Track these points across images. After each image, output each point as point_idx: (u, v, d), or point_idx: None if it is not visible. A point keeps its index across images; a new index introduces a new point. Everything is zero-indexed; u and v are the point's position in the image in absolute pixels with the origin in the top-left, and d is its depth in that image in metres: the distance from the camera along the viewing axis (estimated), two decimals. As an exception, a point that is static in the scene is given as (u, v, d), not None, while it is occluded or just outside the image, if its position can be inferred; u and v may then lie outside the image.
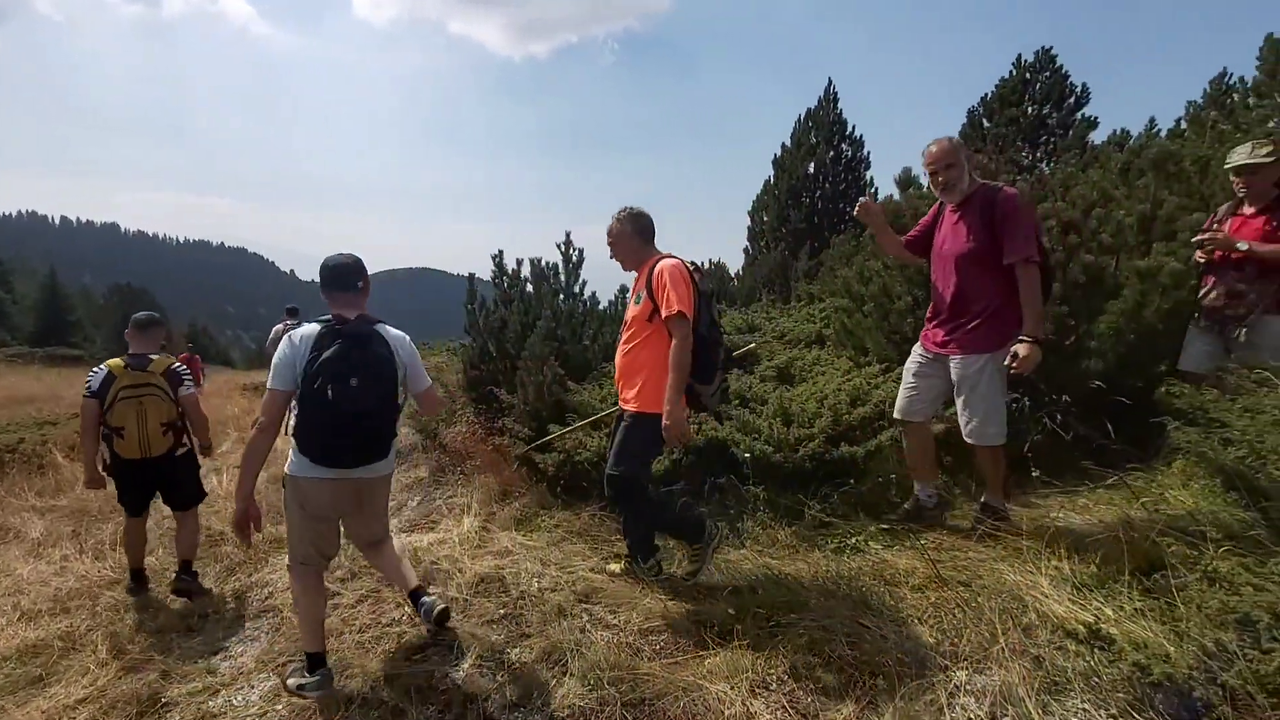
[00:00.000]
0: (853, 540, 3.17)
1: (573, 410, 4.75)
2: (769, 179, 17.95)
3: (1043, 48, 13.78)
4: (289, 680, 2.56)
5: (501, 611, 2.96)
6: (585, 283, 6.79)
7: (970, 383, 2.94)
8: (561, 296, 6.63)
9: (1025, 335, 2.74)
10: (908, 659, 2.13)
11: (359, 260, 2.61)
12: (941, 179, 2.98)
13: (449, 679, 2.54)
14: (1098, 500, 2.95)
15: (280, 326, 9.11)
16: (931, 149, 3.02)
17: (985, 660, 2.04)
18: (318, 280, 2.59)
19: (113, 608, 3.73)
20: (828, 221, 16.66)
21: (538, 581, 3.24)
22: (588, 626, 2.75)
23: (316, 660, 2.55)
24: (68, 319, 42.64)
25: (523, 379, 5.40)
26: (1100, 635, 1.85)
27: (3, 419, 9.86)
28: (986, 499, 3.10)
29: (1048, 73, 13.47)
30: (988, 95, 14.23)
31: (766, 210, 17.79)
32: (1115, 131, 10.65)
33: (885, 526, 3.15)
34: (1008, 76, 13.98)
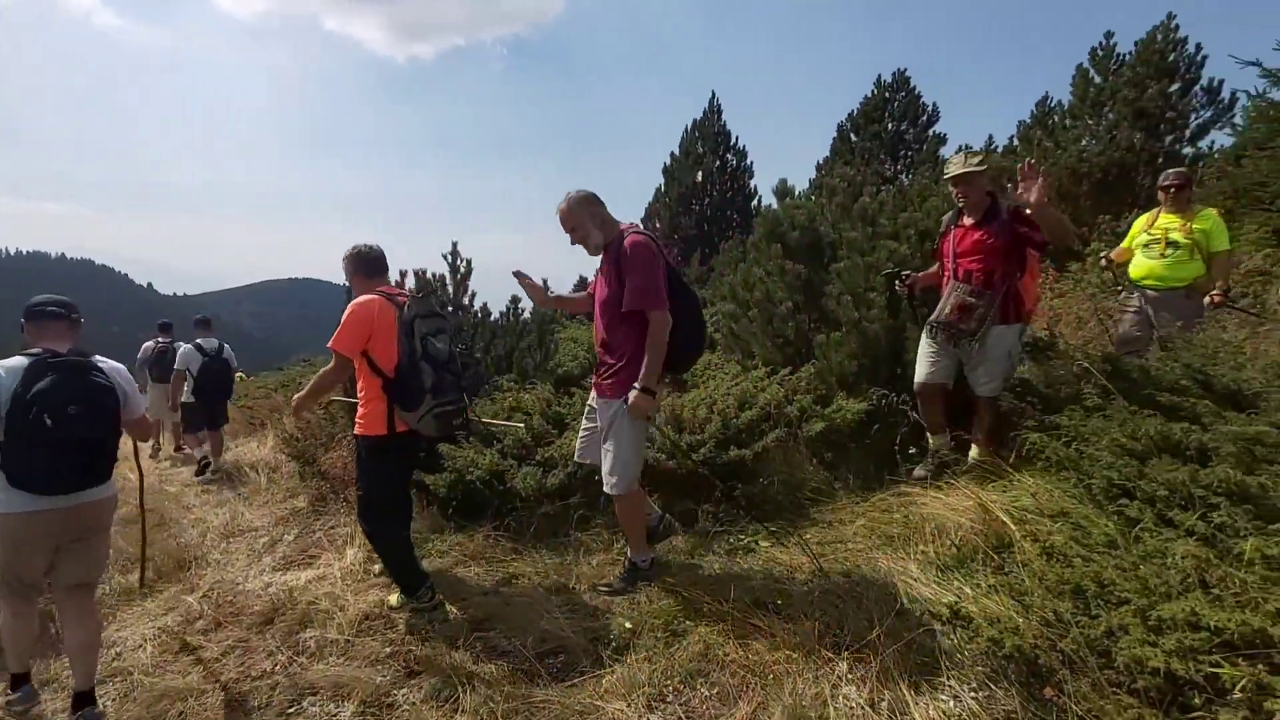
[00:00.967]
0: (744, 541, 3.26)
1: (465, 427, 4.57)
2: (660, 187, 18.35)
3: (899, 70, 15.05)
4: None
5: (388, 650, 2.77)
6: (474, 294, 6.59)
7: (609, 429, 2.84)
8: (450, 309, 6.39)
9: (636, 384, 2.67)
10: (795, 654, 2.21)
11: (69, 300, 2.68)
12: (573, 241, 2.91)
13: (328, 731, 2.34)
14: (957, 486, 3.21)
15: (151, 344, 8.17)
16: (558, 213, 2.92)
17: (864, 648, 2.16)
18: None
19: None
20: (717, 228, 17.26)
21: (426, 615, 3.07)
22: (482, 656, 2.64)
23: (21, 679, 2.63)
24: None
25: (409, 397, 5.13)
26: (960, 614, 2.00)
27: None
28: (630, 555, 3.05)
29: (904, 93, 14.72)
30: (854, 112, 15.32)
31: (658, 217, 18.17)
32: (961, 147, 11.85)
33: (773, 527, 3.27)
34: (870, 95, 15.13)
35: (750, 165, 17.87)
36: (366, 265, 3.10)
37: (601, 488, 3.79)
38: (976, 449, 3.44)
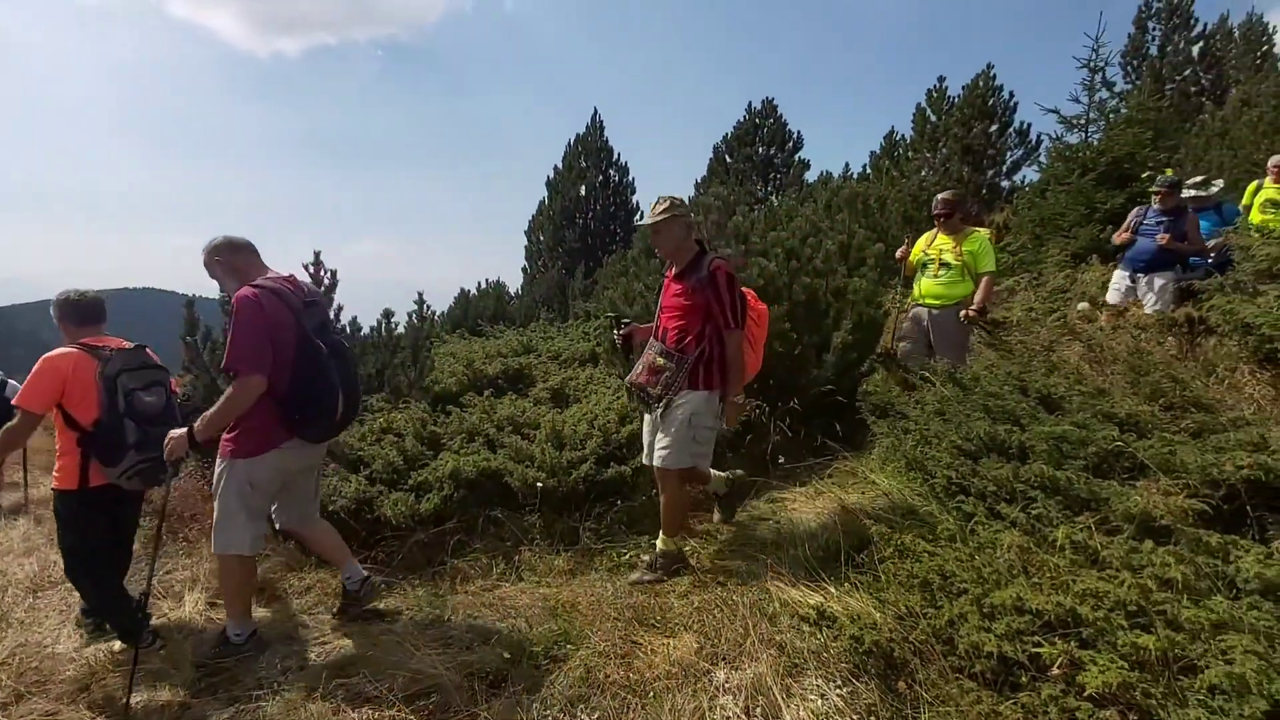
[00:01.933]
0: (626, 557, 3.25)
1: (327, 452, 4.21)
2: (544, 199, 18.23)
3: (767, 98, 16.05)
4: None
5: (226, 714, 2.46)
6: (341, 307, 6.13)
7: None
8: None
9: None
10: (675, 669, 2.22)
11: None
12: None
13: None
14: (823, 490, 3.42)
15: None
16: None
17: (740, 656, 2.21)
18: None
19: None
20: (600, 241, 17.42)
21: (280, 662, 2.77)
22: (343, 705, 2.41)
23: None
24: None
25: (261, 421, 4.66)
26: (825, 614, 2.11)
27: None
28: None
29: (772, 119, 15.71)
30: (728, 135, 16.12)
31: (542, 230, 18.04)
32: (823, 173, 12.85)
33: (653, 540, 3.29)
34: (742, 120, 16.00)
35: (633, 181, 18.24)
36: (76, 313, 2.91)
37: (480, 509, 3.64)
38: (661, 540, 3.01)
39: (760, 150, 15.81)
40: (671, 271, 3.07)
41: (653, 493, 3.66)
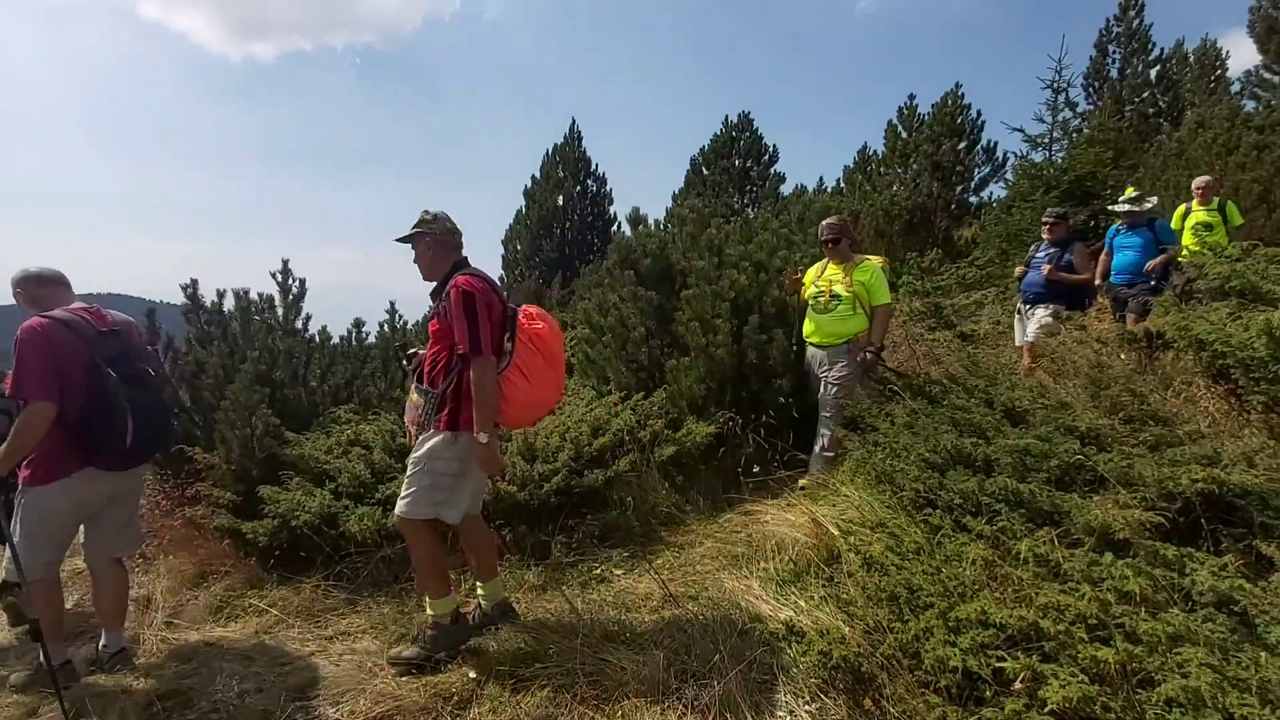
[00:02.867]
0: (598, 570, 3.22)
1: (291, 466, 4.11)
2: (521, 209, 18.19)
3: (743, 112, 16.25)
4: None
5: (179, 741, 2.36)
6: (310, 316, 6.02)
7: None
8: (280, 333, 5.77)
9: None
10: (644, 686, 2.19)
11: None
12: None
13: None
14: (794, 502, 3.42)
15: None
16: None
17: (709, 672, 2.19)
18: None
19: None
20: (578, 251, 17.42)
21: (238, 684, 2.67)
22: (302, 730, 2.33)
23: None
24: None
25: (224, 433, 4.53)
26: (795, 629, 2.10)
27: None
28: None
29: (748, 133, 15.90)
30: (704, 148, 16.28)
31: (520, 239, 17.99)
32: (798, 186, 13.02)
33: (626, 554, 3.27)
34: (719, 133, 16.17)
35: (610, 192, 18.30)
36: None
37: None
38: (429, 605, 2.64)
39: (737, 163, 15.98)
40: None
41: (624, 506, 3.64)
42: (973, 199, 10.79)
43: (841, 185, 13.19)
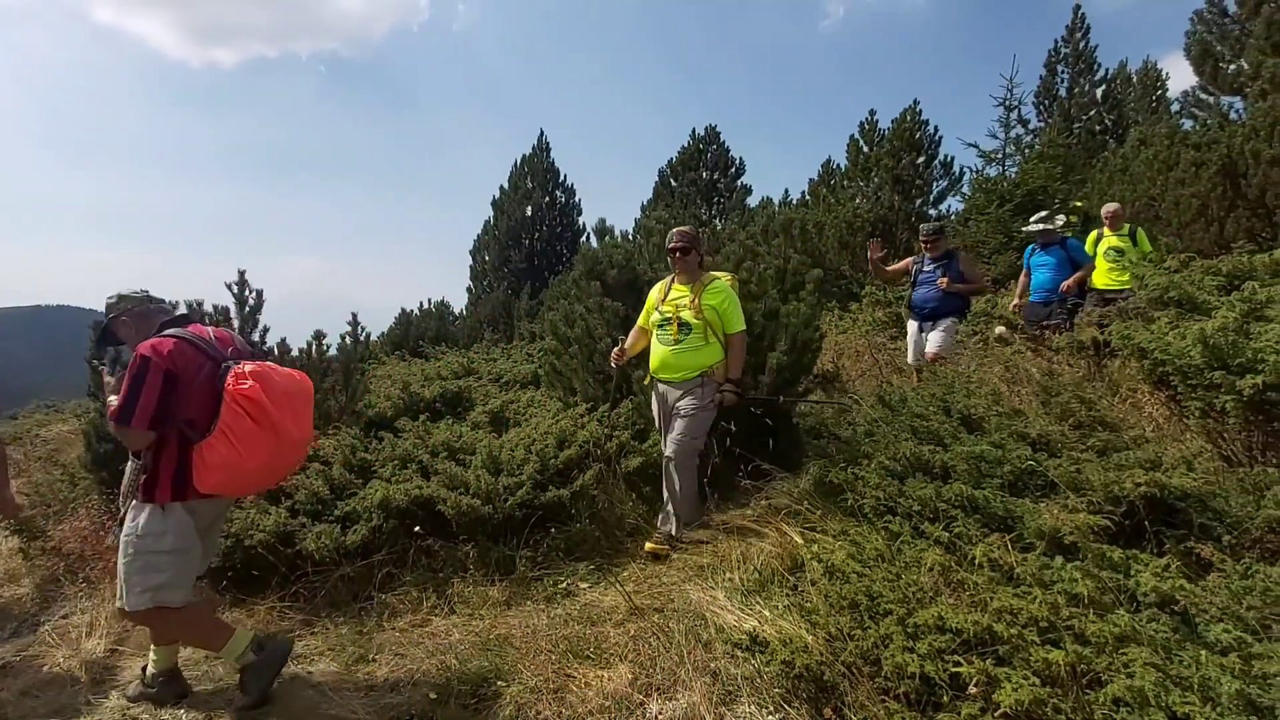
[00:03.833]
0: (563, 584, 3.18)
1: (246, 483, 3.97)
2: (489, 219, 18.06)
3: (710, 125, 16.46)
4: None
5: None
6: (268, 328, 5.86)
7: None
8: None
9: None
10: (608, 702, 2.16)
11: None
12: None
13: None
14: (761, 511, 3.44)
15: None
16: None
17: (675, 685, 2.18)
18: None
19: None
20: (547, 262, 17.36)
21: (185, 714, 2.56)
22: (252, 758, 2.24)
23: None
24: None
25: (175, 450, 4.37)
26: (758, 639, 2.10)
27: None
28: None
29: (715, 146, 16.11)
30: (672, 160, 16.43)
31: (488, 250, 17.85)
32: (764, 199, 13.22)
33: (592, 566, 3.24)
34: (687, 145, 16.34)
35: (579, 203, 18.30)
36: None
37: (411, 539, 3.51)
38: (153, 652, 2.52)
39: (704, 175, 16.16)
40: None
41: (586, 518, 3.61)
42: (931, 211, 11.11)
43: (806, 197, 13.46)
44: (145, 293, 2.69)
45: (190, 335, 2.37)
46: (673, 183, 16.39)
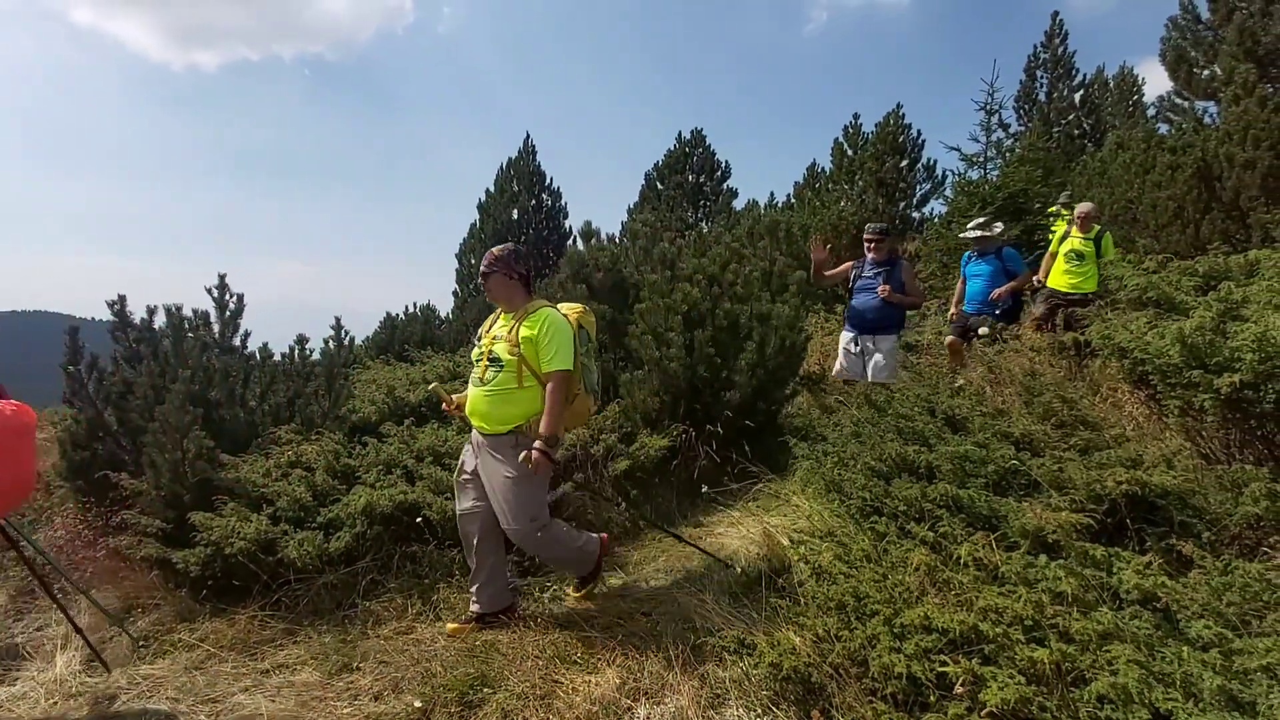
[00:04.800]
0: (550, 590, 3.16)
1: (226, 491, 3.91)
2: (475, 223, 17.99)
3: (695, 128, 16.52)
4: None
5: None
6: (248, 333, 5.79)
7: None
8: (217, 351, 5.52)
9: None
10: (596, 707, 2.15)
11: None
12: None
13: None
14: (747, 514, 3.45)
15: None
16: None
17: (663, 689, 2.17)
18: None
19: None
20: (533, 265, 17.30)
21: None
22: (232, 772, 2.20)
23: None
24: None
25: (152, 457, 4.29)
26: (745, 642, 2.10)
27: None
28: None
29: (701, 149, 16.17)
30: (659, 163, 16.46)
31: (474, 254, 17.76)
32: (749, 201, 13.29)
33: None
34: (673, 149, 16.39)
35: (565, 206, 18.27)
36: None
37: (396, 545, 3.46)
38: None
39: (690, 178, 16.20)
40: None
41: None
42: (915, 214, 11.23)
43: (792, 200, 13.54)
44: None
45: None
46: (659, 185, 16.42)
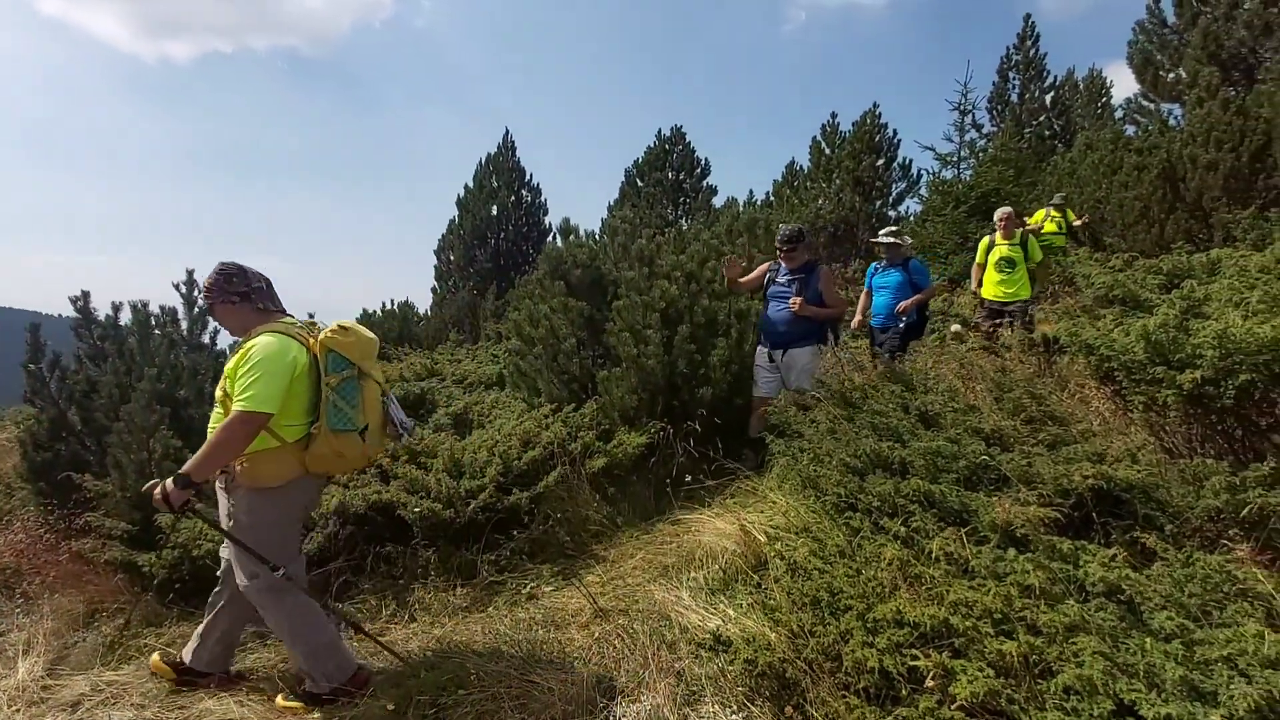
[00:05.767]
0: (526, 589, 3.14)
1: (197, 493, 3.82)
2: (454, 219, 17.80)
3: (675, 125, 16.51)
4: None
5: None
6: (218, 330, 5.66)
7: None
8: (185, 348, 5.40)
9: None
10: (572, 707, 2.13)
11: None
12: None
13: None
14: (724, 510, 3.45)
15: None
16: None
17: (639, 687, 2.16)
18: None
19: None
20: (513, 262, 17.18)
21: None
22: (199, 779, 2.15)
23: None
24: None
25: (118, 457, 4.19)
26: (721, 639, 2.10)
27: None
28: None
29: (681, 146, 16.17)
30: (639, 160, 16.43)
31: (453, 250, 17.58)
32: (729, 199, 13.34)
33: (556, 568, 3.20)
34: (652, 146, 16.36)
35: (545, 202, 18.15)
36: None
37: (369, 545, 3.42)
38: None
39: (670, 175, 16.19)
40: None
41: (554, 520, 3.57)
42: (891, 213, 11.36)
43: (771, 198, 13.62)
44: None
45: None
46: (639, 182, 16.39)
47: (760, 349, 4.37)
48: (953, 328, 5.29)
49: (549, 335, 4.87)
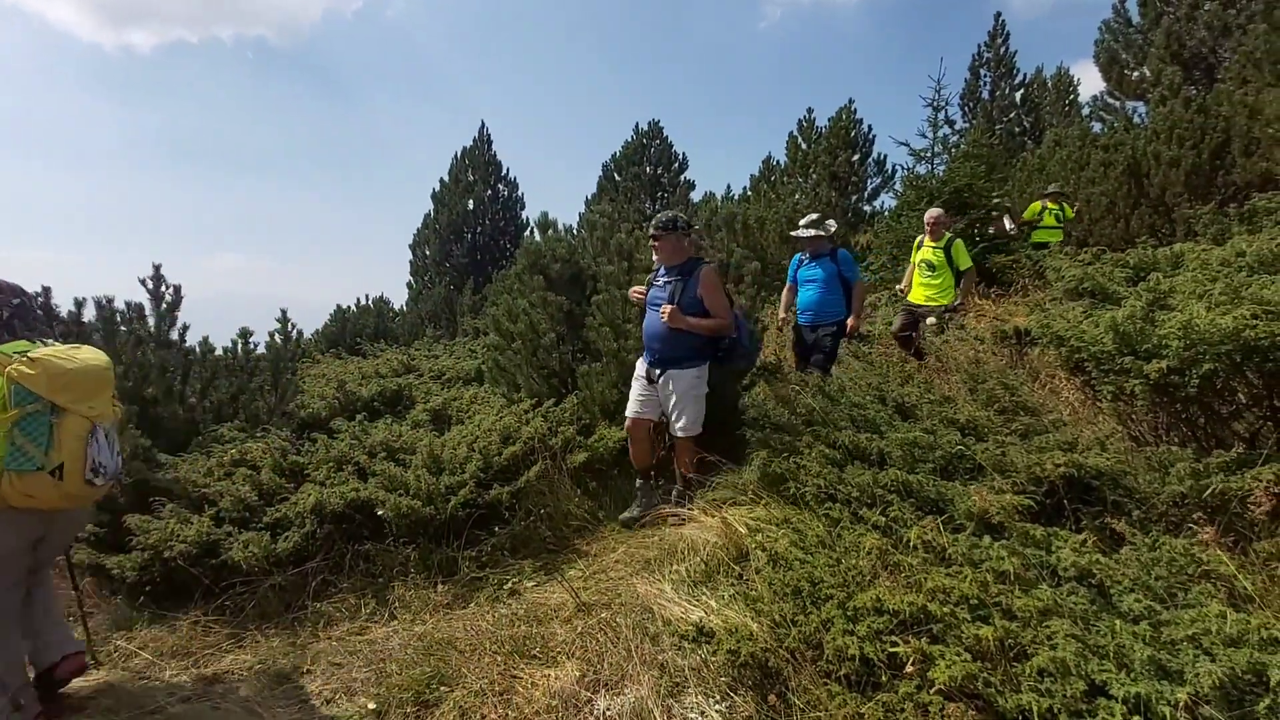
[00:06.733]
0: (508, 585, 3.12)
1: (164, 492, 3.73)
2: (429, 213, 17.58)
3: (653, 120, 16.47)
4: None
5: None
6: (187, 326, 5.51)
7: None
8: (153, 345, 5.25)
9: None
10: (555, 701, 2.13)
11: None
12: None
13: None
14: (707, 503, 3.47)
15: None
16: None
17: (623, 680, 2.16)
18: None
19: None
20: (490, 257, 17.02)
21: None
22: (174, 784, 2.10)
23: None
24: None
25: (82, 459, 4.05)
26: (704, 630, 2.12)
27: None
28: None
29: (658, 141, 16.13)
30: (616, 154, 16.36)
31: (428, 245, 17.36)
32: (707, 193, 13.37)
33: (538, 564, 3.19)
34: (630, 140, 16.31)
35: (522, 196, 18.00)
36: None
37: (348, 544, 3.38)
38: None
39: (648, 170, 16.16)
40: None
41: (536, 515, 3.56)
42: (866, 208, 11.50)
43: (748, 192, 13.68)
44: None
45: None
46: (616, 177, 16.32)
47: (639, 363, 3.68)
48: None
49: (528, 330, 4.84)
